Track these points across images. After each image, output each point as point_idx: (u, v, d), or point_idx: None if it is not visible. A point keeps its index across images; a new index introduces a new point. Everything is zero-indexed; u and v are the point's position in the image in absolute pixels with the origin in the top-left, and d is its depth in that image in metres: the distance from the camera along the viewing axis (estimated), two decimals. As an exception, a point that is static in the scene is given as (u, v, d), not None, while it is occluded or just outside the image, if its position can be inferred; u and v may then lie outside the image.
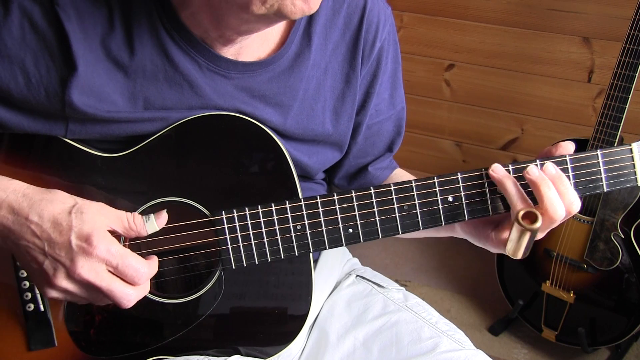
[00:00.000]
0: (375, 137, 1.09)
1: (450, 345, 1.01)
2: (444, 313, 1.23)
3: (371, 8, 0.99)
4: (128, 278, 0.81)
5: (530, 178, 0.82)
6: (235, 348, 0.97)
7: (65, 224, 0.80)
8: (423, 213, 0.87)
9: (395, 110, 1.10)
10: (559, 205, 0.81)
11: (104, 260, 0.79)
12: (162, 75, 0.89)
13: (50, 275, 0.80)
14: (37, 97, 0.86)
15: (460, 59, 2.39)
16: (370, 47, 1.00)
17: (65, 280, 0.80)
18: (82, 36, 0.85)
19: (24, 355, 0.94)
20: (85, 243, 0.79)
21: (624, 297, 1.90)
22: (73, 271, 0.79)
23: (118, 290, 0.81)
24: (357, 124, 1.05)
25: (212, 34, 0.89)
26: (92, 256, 0.79)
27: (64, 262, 0.79)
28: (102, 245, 0.79)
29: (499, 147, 2.49)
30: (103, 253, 0.79)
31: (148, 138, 0.91)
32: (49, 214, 0.80)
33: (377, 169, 1.13)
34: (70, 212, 0.81)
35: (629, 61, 1.67)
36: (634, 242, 1.83)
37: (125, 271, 0.81)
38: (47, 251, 0.80)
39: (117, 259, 0.80)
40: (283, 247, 0.88)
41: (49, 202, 0.81)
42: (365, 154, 1.11)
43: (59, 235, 0.79)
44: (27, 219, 0.80)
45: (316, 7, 0.80)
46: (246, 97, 0.93)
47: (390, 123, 1.10)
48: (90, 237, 0.79)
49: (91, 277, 0.79)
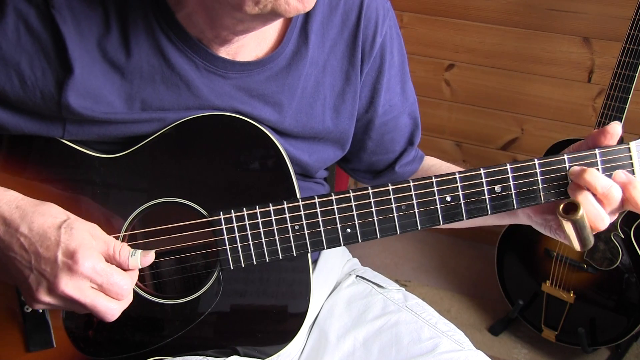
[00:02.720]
0: (393, 132, 1.09)
1: (450, 345, 1.01)
2: (444, 313, 1.23)
3: (369, 4, 0.99)
4: (112, 294, 0.81)
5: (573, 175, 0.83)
6: (234, 348, 0.97)
7: (53, 238, 0.80)
8: (421, 213, 0.87)
9: (408, 103, 1.09)
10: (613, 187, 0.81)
11: (88, 277, 0.80)
12: (159, 76, 0.89)
13: (34, 290, 0.80)
14: (33, 99, 0.85)
15: (460, 59, 2.39)
16: (370, 44, 1.00)
17: (47, 296, 0.80)
18: (78, 38, 0.85)
19: (23, 356, 0.94)
20: (70, 260, 0.79)
21: (624, 297, 1.90)
22: (56, 287, 0.79)
23: (102, 306, 0.81)
24: (368, 121, 1.05)
25: (208, 35, 0.88)
26: (77, 274, 0.79)
27: (48, 277, 0.79)
28: (87, 263, 0.79)
29: (499, 147, 2.48)
30: (88, 271, 0.79)
31: (145, 139, 0.90)
32: (38, 226, 0.80)
33: (403, 165, 1.12)
34: (60, 226, 0.81)
35: (629, 61, 1.67)
36: (634, 242, 1.83)
37: (110, 288, 0.81)
38: (34, 265, 0.80)
39: (102, 277, 0.80)
40: (281, 247, 0.88)
41: (41, 214, 0.81)
42: (386, 151, 1.10)
43: (46, 250, 0.79)
44: (17, 231, 0.80)
45: (311, 5, 0.80)
46: (244, 97, 0.93)
47: (405, 116, 1.10)
48: (76, 254, 0.79)
49: (75, 294, 0.79)
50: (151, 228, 0.91)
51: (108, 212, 0.91)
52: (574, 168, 0.84)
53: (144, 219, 0.91)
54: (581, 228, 0.81)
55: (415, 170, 1.14)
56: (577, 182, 0.83)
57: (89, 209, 0.91)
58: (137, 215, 0.91)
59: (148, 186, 0.91)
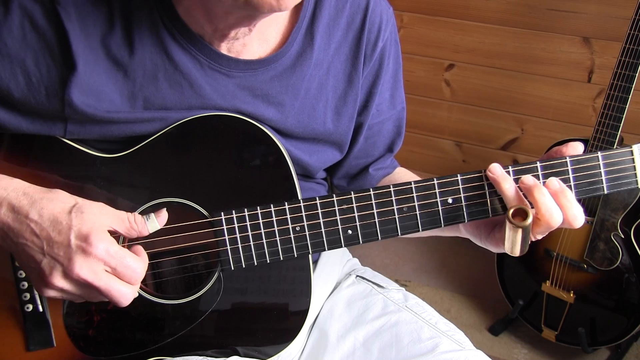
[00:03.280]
0: (376, 137, 1.10)
1: (450, 345, 1.01)
2: (444, 313, 1.23)
3: (374, 8, 0.99)
4: (126, 278, 0.81)
5: (524, 186, 0.83)
6: (234, 348, 0.97)
7: (65, 223, 0.79)
8: (422, 215, 0.87)
9: (395, 111, 1.10)
10: (554, 211, 0.81)
11: (102, 260, 0.79)
12: (162, 74, 0.89)
13: (47, 275, 0.79)
14: (38, 96, 0.85)
15: (460, 59, 2.39)
16: (372, 47, 1.00)
17: (62, 280, 0.80)
18: (82, 35, 0.85)
19: (23, 355, 0.94)
20: (84, 243, 0.78)
21: (624, 297, 1.90)
22: (71, 270, 0.78)
23: (116, 290, 0.80)
24: (359, 124, 1.06)
25: (208, 29, 0.88)
26: (91, 256, 0.78)
27: (62, 261, 0.79)
28: (101, 245, 0.79)
29: (499, 147, 2.48)
30: (102, 253, 0.79)
31: (147, 138, 0.91)
32: (49, 212, 0.80)
33: (378, 169, 1.13)
34: (71, 211, 0.80)
35: (629, 61, 1.67)
36: (634, 242, 1.83)
37: (124, 272, 0.81)
38: (46, 250, 0.79)
39: (116, 259, 0.80)
40: (282, 248, 0.88)
41: (50, 200, 0.81)
42: (366, 155, 1.11)
43: (58, 235, 0.79)
44: (27, 217, 0.80)
45: (286, 6, 0.78)
46: (247, 96, 0.93)
47: (390, 123, 1.10)
48: (89, 237, 0.79)
49: (89, 277, 0.79)
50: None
51: (109, 211, 0.91)
52: (527, 179, 0.83)
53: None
54: (526, 235, 0.81)
55: (389, 174, 1.15)
56: (525, 193, 0.83)
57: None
58: (138, 215, 0.91)
59: (149, 186, 0.91)
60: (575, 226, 0.83)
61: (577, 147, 0.87)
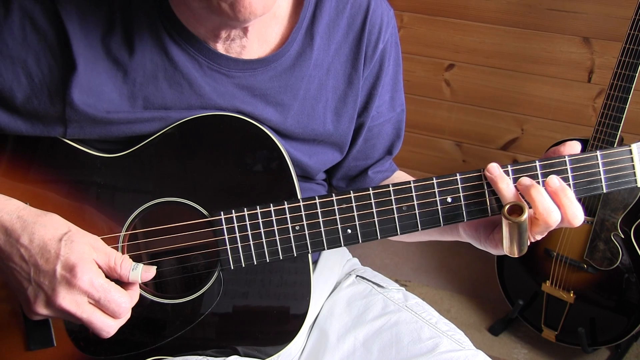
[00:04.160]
0: (375, 139, 1.09)
1: (450, 345, 1.01)
2: (444, 313, 1.23)
3: (374, 9, 0.99)
4: (109, 311, 0.82)
5: (521, 186, 0.83)
6: (234, 348, 0.97)
7: (53, 251, 0.80)
8: (422, 214, 0.87)
9: (395, 113, 1.10)
10: (552, 210, 0.81)
11: (86, 292, 0.80)
12: (161, 74, 0.89)
13: (32, 302, 0.80)
14: (41, 97, 0.85)
15: (460, 59, 2.39)
16: (373, 49, 1.00)
17: (45, 309, 0.81)
18: (82, 34, 0.85)
19: (23, 355, 0.94)
20: (69, 274, 0.79)
21: (624, 297, 1.90)
22: (54, 301, 0.79)
23: (98, 322, 0.81)
24: (359, 126, 1.05)
25: (200, 30, 0.89)
26: (75, 288, 0.79)
27: (46, 290, 0.80)
28: (86, 277, 0.79)
29: (499, 147, 2.48)
30: (85, 285, 0.79)
31: (147, 138, 0.91)
32: (39, 238, 0.80)
33: (377, 172, 1.13)
34: (61, 239, 0.81)
35: (629, 61, 1.67)
36: (634, 242, 1.83)
37: (107, 305, 0.81)
38: (32, 277, 0.80)
39: (100, 292, 0.80)
40: (281, 247, 0.88)
41: (42, 226, 0.81)
42: (365, 156, 1.11)
43: (45, 263, 0.79)
44: (18, 242, 0.80)
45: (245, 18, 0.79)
46: (247, 96, 0.93)
47: (390, 125, 1.10)
48: (75, 268, 0.79)
49: (72, 308, 0.80)
50: (152, 228, 0.91)
51: (109, 211, 0.91)
52: (524, 179, 0.83)
53: (144, 218, 0.91)
54: (522, 231, 0.81)
55: (388, 177, 1.15)
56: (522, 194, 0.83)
57: (90, 208, 0.91)
58: (137, 214, 0.91)
59: (149, 186, 0.91)
60: (575, 225, 0.83)
61: (574, 146, 0.87)
